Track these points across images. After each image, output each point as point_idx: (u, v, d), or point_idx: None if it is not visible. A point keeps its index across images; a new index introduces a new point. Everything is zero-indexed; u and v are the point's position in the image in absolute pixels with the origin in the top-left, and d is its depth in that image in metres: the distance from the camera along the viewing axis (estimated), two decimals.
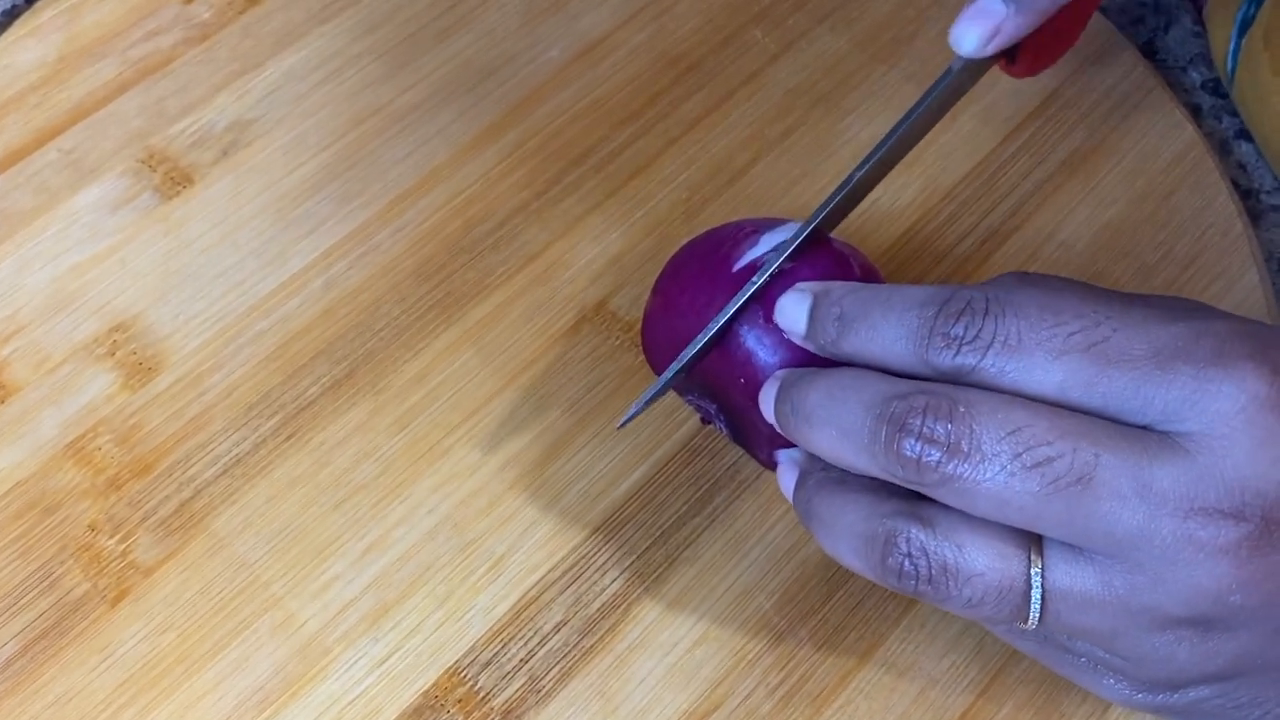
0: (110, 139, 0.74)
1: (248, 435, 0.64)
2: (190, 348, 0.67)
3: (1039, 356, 0.45)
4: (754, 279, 0.55)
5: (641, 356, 0.63)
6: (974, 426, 0.45)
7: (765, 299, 0.54)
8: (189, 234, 0.70)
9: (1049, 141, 0.72)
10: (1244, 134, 0.75)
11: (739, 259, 0.57)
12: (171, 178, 0.72)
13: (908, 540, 0.47)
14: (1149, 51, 0.79)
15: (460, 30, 0.78)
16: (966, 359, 0.46)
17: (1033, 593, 0.45)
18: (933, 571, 0.46)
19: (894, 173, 0.67)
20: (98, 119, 0.75)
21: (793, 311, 0.52)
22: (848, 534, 0.49)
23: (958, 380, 0.47)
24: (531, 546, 0.61)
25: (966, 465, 0.45)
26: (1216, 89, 0.77)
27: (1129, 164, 0.72)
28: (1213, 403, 0.44)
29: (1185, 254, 0.68)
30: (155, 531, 0.62)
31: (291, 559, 0.61)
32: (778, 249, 0.57)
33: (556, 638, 0.59)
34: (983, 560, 0.46)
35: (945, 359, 0.47)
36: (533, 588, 0.60)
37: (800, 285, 0.52)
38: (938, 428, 0.45)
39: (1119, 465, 0.44)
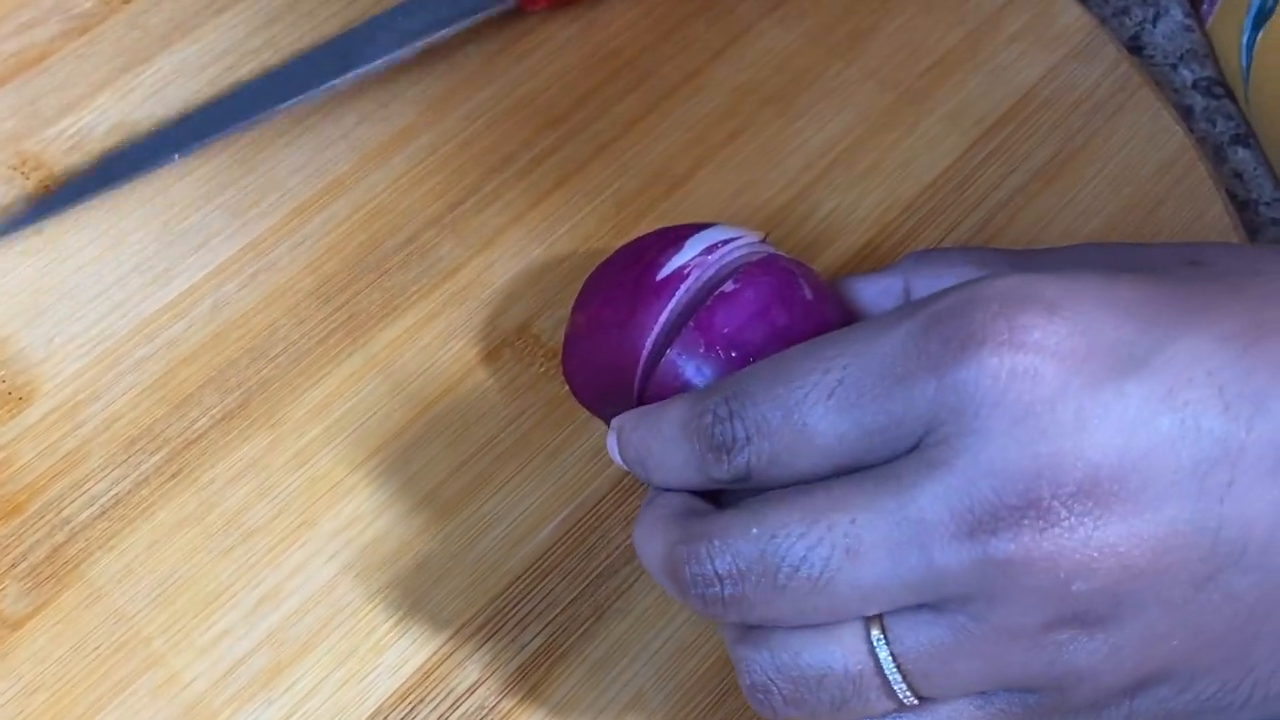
0: None
1: (129, 473, 0.64)
2: (65, 375, 0.67)
3: (791, 430, 0.48)
4: (680, 287, 0.56)
5: (568, 387, 0.64)
6: (731, 551, 0.47)
7: (704, 324, 0.55)
8: (65, 248, 0.70)
9: (1023, 147, 0.73)
10: (1240, 139, 0.76)
11: (662, 268, 0.58)
12: (47, 186, 0.72)
13: (757, 669, 0.49)
14: (1135, 47, 0.79)
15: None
16: (738, 462, 0.49)
17: (884, 665, 0.47)
18: (785, 692, 0.49)
19: (848, 181, 0.69)
20: None
21: (612, 451, 0.55)
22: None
23: (746, 483, 0.49)
24: (443, 598, 0.61)
25: (742, 593, 0.47)
26: (1210, 89, 0.78)
27: (1112, 172, 0.72)
28: (954, 396, 0.45)
29: None
30: (24, 580, 0.62)
31: (176, 611, 0.61)
32: (704, 254, 0.57)
33: (471, 700, 0.59)
34: (822, 653, 0.48)
35: (723, 472, 0.49)
36: (445, 644, 0.60)
37: (614, 421, 0.55)
38: (708, 567, 0.48)
39: (878, 518, 0.45)
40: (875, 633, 0.47)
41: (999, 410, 0.44)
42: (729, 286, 0.56)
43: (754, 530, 0.47)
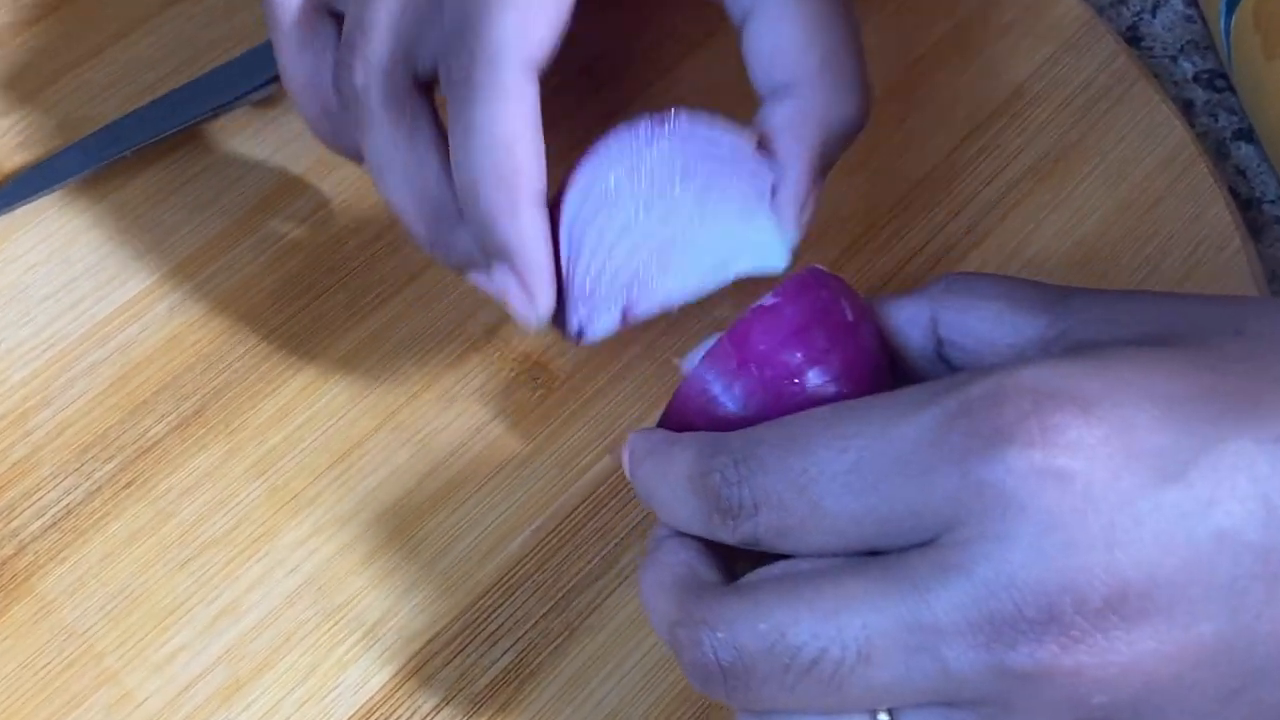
0: None
1: (81, 482, 0.64)
2: (15, 380, 0.67)
3: (804, 506, 0.47)
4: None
5: (539, 393, 0.64)
6: (735, 645, 0.47)
7: (739, 338, 0.54)
8: (14, 249, 0.70)
9: (1015, 143, 0.73)
10: (1243, 133, 0.76)
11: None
12: None
13: None
14: (1133, 38, 0.80)
15: None
16: (745, 528, 0.49)
17: None
18: None
19: (834, 177, 0.68)
20: None
21: (625, 467, 0.55)
22: None
23: (755, 547, 0.49)
24: (409, 612, 0.61)
25: (747, 687, 0.47)
26: (1211, 82, 0.78)
27: (1108, 169, 0.73)
28: (977, 496, 0.44)
29: (1174, 274, 0.69)
30: None
31: (130, 626, 0.61)
32: None
33: None
34: None
35: (730, 535, 0.49)
36: (410, 660, 0.60)
37: (630, 437, 0.55)
38: (710, 657, 0.47)
39: (891, 622, 0.45)
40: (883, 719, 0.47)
41: (1025, 517, 0.43)
42: (768, 300, 0.54)
43: (760, 626, 0.46)
